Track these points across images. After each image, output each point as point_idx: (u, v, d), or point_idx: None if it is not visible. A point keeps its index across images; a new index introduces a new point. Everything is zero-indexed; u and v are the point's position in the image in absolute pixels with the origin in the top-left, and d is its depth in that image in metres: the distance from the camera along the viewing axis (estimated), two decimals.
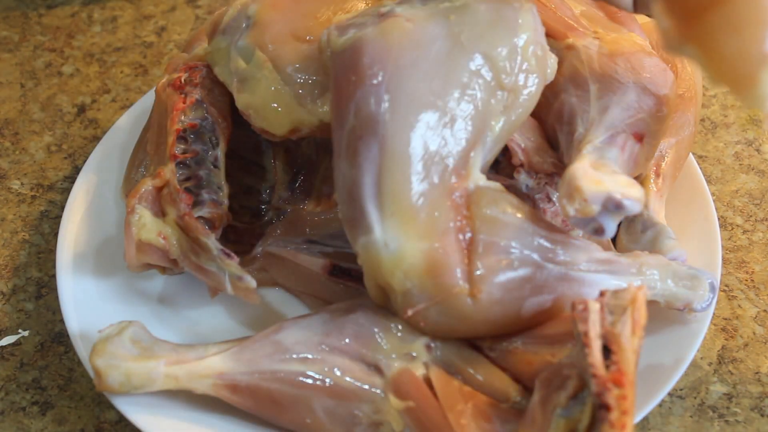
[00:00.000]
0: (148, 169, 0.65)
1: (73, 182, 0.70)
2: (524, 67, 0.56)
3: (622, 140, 0.58)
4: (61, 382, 0.63)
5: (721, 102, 0.79)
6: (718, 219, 0.66)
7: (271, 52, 0.61)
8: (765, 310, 0.65)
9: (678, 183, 0.66)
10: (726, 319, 0.64)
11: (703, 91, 0.79)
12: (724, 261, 0.67)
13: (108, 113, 0.81)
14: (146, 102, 0.74)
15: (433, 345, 0.55)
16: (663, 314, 0.59)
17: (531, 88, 0.56)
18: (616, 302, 0.51)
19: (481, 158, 0.55)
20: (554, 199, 0.62)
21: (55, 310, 0.67)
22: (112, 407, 0.61)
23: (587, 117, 0.59)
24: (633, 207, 0.52)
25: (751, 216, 0.70)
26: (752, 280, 0.66)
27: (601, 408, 0.47)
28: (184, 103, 0.64)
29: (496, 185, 0.56)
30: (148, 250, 0.60)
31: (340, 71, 0.56)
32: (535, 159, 0.61)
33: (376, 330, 0.56)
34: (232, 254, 0.58)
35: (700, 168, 0.68)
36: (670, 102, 0.60)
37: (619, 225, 0.62)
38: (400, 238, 0.53)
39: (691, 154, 0.67)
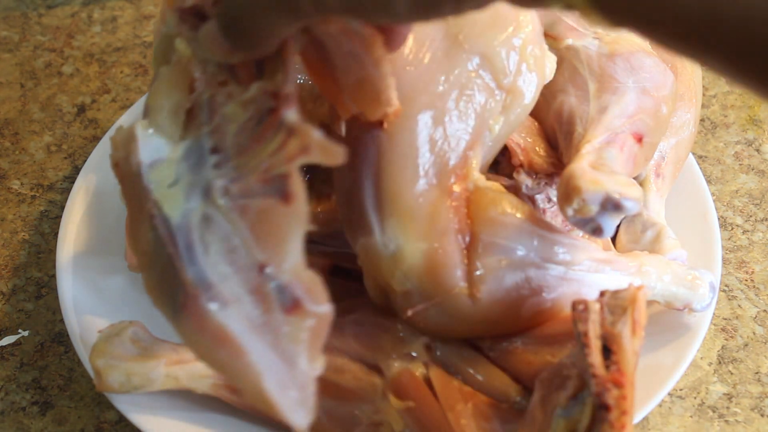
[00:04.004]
0: None
1: (73, 182, 0.70)
2: (523, 67, 0.56)
3: (621, 140, 0.57)
4: (61, 382, 0.63)
5: (721, 102, 0.79)
6: (718, 219, 0.65)
7: None
8: (765, 310, 0.65)
9: (678, 183, 0.66)
10: (726, 319, 0.64)
11: (703, 91, 0.79)
12: (724, 261, 0.67)
13: (108, 113, 0.81)
14: None
15: (433, 345, 0.55)
16: (663, 314, 0.59)
17: (530, 88, 0.56)
18: (616, 302, 0.51)
19: (480, 158, 0.55)
20: (554, 199, 0.62)
21: (55, 310, 0.67)
22: (112, 407, 0.61)
23: (586, 117, 0.59)
24: (632, 207, 0.52)
25: (751, 216, 0.70)
26: (752, 280, 0.66)
27: (601, 408, 0.47)
28: None
29: (495, 185, 0.55)
30: None
31: None
32: (534, 159, 0.61)
33: (376, 330, 0.56)
34: None
35: (700, 168, 0.68)
36: (669, 102, 0.60)
37: (618, 225, 0.62)
38: (399, 239, 0.53)
39: (691, 154, 0.67)
